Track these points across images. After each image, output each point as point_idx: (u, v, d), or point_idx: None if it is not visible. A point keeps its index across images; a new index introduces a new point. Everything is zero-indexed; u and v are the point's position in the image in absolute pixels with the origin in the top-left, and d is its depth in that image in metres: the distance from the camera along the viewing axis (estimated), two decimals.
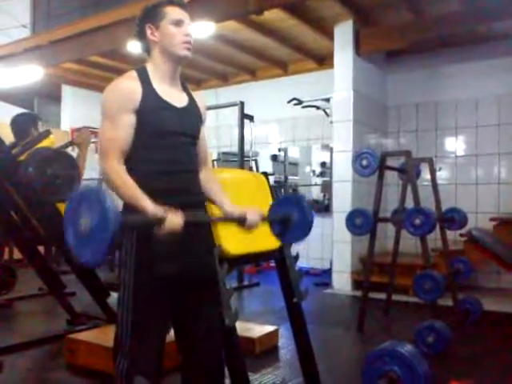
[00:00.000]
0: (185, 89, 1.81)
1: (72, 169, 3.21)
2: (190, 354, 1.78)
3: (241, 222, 1.74)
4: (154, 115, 1.65)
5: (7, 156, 3.25)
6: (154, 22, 1.69)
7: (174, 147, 1.69)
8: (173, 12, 1.69)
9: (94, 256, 1.32)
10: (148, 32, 1.71)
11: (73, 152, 4.06)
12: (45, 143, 3.55)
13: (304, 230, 1.92)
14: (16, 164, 3.11)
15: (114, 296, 3.73)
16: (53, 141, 3.64)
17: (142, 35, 1.73)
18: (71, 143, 3.85)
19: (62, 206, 3.52)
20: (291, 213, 1.91)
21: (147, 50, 1.75)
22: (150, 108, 1.64)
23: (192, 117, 1.77)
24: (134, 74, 1.69)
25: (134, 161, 1.63)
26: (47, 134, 3.61)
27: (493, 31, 5.52)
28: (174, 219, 1.46)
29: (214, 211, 1.87)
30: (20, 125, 3.65)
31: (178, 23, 1.69)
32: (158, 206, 1.48)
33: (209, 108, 2.26)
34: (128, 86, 1.64)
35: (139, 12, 1.75)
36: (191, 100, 1.79)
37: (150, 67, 1.72)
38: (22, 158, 3.28)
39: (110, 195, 1.33)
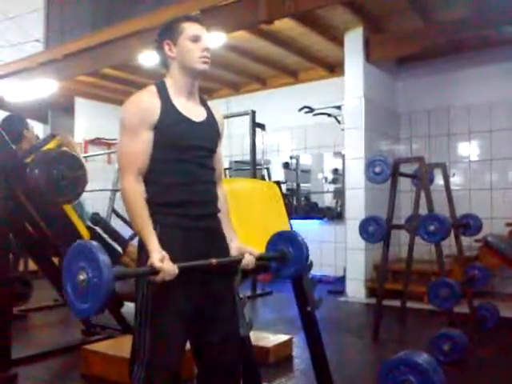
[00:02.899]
0: (203, 102, 1.83)
1: (78, 169, 3.18)
2: (206, 365, 1.78)
3: (237, 262, 1.78)
4: (173, 130, 1.67)
5: (16, 160, 3.23)
6: (172, 38, 1.72)
7: (192, 160, 1.71)
8: (190, 28, 1.71)
9: (91, 311, 1.37)
10: (166, 48, 1.73)
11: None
12: (50, 145, 3.54)
13: (300, 264, 1.93)
14: (24, 167, 3.10)
15: (128, 306, 3.75)
16: (59, 143, 3.62)
17: (160, 51, 1.76)
18: (51, 136, 3.76)
19: (68, 207, 3.54)
20: (286, 249, 1.93)
21: (165, 64, 1.77)
22: (169, 123, 1.66)
23: (210, 131, 1.79)
24: (153, 88, 1.72)
25: (152, 174, 1.67)
26: (53, 136, 3.61)
27: (504, 35, 5.48)
28: (169, 270, 1.51)
29: None
30: (10, 129, 3.61)
31: (196, 39, 1.71)
32: (158, 249, 1.55)
33: None
34: (147, 101, 1.67)
35: (157, 27, 1.78)
36: (209, 114, 1.81)
37: (168, 82, 1.74)
38: (28, 160, 3.25)
39: (103, 251, 1.35)
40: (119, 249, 3.90)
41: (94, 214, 3.91)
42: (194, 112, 1.75)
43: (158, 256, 1.52)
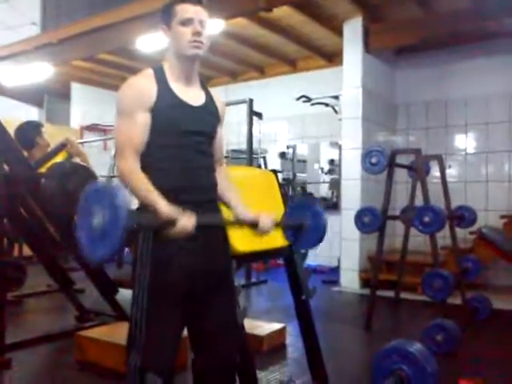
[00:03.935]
0: (203, 87, 1.80)
1: (90, 181, 3.25)
2: (203, 352, 1.78)
3: (253, 226, 1.73)
4: (169, 113, 1.64)
5: (31, 172, 3.30)
6: (167, 22, 1.69)
7: (189, 145, 1.68)
8: (182, 11, 1.66)
9: (105, 254, 1.32)
10: (162, 32, 1.72)
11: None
12: (61, 156, 3.61)
13: (317, 237, 1.88)
14: (37, 177, 3.17)
15: (122, 293, 3.75)
16: (69, 152, 3.67)
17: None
18: (62, 146, 3.80)
19: None
20: (305, 219, 1.87)
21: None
22: (166, 106, 1.63)
23: (208, 115, 1.76)
24: (150, 71, 1.69)
25: (149, 158, 1.64)
26: (64, 145, 3.64)
27: (503, 27, 5.45)
28: (187, 221, 1.46)
29: (226, 213, 1.87)
30: (24, 135, 3.67)
31: (187, 22, 1.65)
32: (172, 207, 1.48)
33: None
34: (144, 84, 1.64)
35: (154, 12, 1.76)
36: (209, 98, 1.78)
37: (166, 66, 1.72)
38: (42, 170, 3.34)
39: (124, 193, 1.32)
40: None
41: None
42: (193, 96, 1.72)
43: (173, 208, 1.47)
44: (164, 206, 1.48)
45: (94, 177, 3.33)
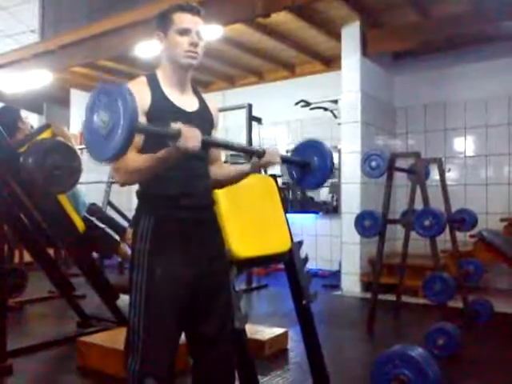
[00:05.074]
0: (196, 93, 1.81)
1: (72, 160, 3.14)
2: (201, 357, 1.78)
3: (260, 155, 1.71)
4: (164, 119, 1.63)
5: (10, 150, 3.18)
6: (163, 29, 1.69)
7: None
8: (180, 20, 1.66)
9: (112, 154, 1.32)
10: (157, 39, 1.72)
11: None
12: (44, 135, 3.51)
13: (323, 176, 1.87)
14: (17, 157, 3.07)
15: (123, 298, 3.75)
16: (52, 132, 3.59)
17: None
18: (46, 126, 3.74)
19: (63, 198, 3.52)
20: (312, 157, 1.86)
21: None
22: (160, 112, 1.63)
23: (202, 121, 1.75)
24: (143, 79, 1.70)
25: None
26: (47, 126, 3.59)
27: (501, 31, 5.47)
28: (194, 135, 1.43)
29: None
30: (5, 121, 3.59)
31: (184, 32, 1.66)
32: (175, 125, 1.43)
33: None
34: (137, 90, 1.61)
35: (153, 19, 1.75)
36: (202, 104, 1.79)
37: (159, 73, 1.72)
38: (22, 150, 3.21)
39: (132, 96, 1.31)
40: (117, 237, 3.91)
41: (91, 204, 3.92)
42: (186, 102, 1.73)
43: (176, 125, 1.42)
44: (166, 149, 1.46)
45: (75, 154, 3.20)
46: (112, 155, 1.33)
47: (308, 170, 1.86)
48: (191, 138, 1.42)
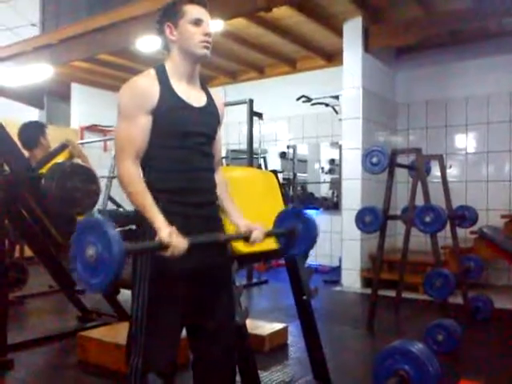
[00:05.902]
0: (203, 88, 1.80)
1: (92, 183, 3.28)
2: (202, 352, 1.78)
3: (246, 239, 1.76)
4: (172, 115, 1.64)
5: (31, 173, 3.32)
6: (173, 20, 1.68)
7: (191, 147, 1.68)
8: (192, 11, 1.67)
9: (102, 286, 1.34)
10: (167, 31, 1.69)
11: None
12: (62, 156, 3.62)
13: (309, 242, 1.90)
14: (38, 179, 3.20)
15: (123, 293, 3.75)
16: (70, 152, 3.69)
17: (161, 33, 1.72)
18: (63, 147, 3.80)
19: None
20: (296, 226, 1.90)
21: (166, 47, 1.73)
22: (168, 107, 1.63)
23: (210, 117, 1.76)
24: (152, 72, 1.68)
25: (150, 159, 1.64)
26: (65, 146, 3.66)
27: (504, 27, 5.46)
28: (179, 244, 1.47)
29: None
30: (28, 134, 3.67)
31: (197, 22, 1.66)
32: (165, 224, 1.50)
33: None
34: (146, 85, 1.63)
35: (158, 9, 1.73)
36: (210, 100, 1.78)
37: (168, 66, 1.71)
38: (42, 171, 3.35)
39: (112, 225, 1.33)
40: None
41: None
42: (194, 97, 1.72)
43: (166, 231, 1.47)
44: (160, 226, 1.49)
45: (94, 177, 3.32)
46: (98, 286, 1.36)
47: (293, 237, 1.90)
48: (177, 247, 1.46)
